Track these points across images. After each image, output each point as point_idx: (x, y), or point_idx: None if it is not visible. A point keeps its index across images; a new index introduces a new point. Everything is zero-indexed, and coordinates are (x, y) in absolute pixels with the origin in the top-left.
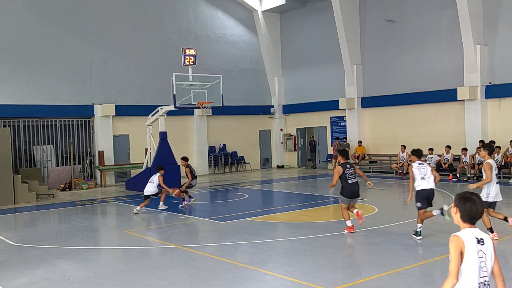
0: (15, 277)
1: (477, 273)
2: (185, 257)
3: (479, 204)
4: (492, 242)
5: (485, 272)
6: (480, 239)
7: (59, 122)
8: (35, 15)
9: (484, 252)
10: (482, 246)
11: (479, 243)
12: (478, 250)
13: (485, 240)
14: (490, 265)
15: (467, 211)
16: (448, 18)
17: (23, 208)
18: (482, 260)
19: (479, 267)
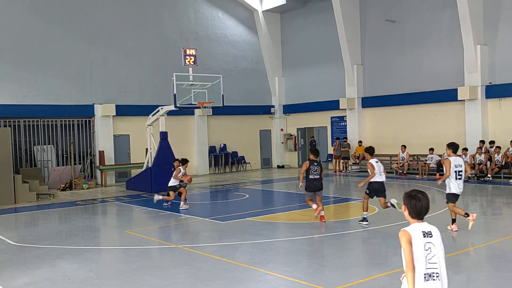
0: (15, 277)
1: (423, 264)
2: (185, 257)
3: (423, 201)
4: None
5: (432, 263)
6: (427, 232)
7: (60, 122)
8: (35, 15)
9: (433, 243)
10: (430, 238)
11: (425, 236)
12: (425, 242)
13: (433, 233)
14: (441, 255)
15: (413, 208)
16: (448, 18)
17: (24, 208)
18: (429, 252)
19: (425, 259)
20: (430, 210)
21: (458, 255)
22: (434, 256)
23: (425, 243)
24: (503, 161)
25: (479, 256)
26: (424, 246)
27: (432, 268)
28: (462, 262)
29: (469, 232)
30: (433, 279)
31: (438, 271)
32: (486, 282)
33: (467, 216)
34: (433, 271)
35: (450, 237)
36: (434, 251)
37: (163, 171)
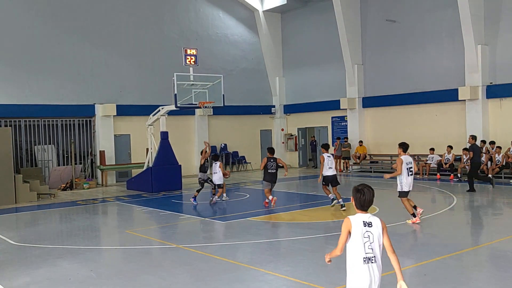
0: (16, 277)
1: (362, 249)
2: (186, 257)
3: (367, 195)
4: (380, 225)
5: (370, 249)
6: (368, 223)
7: (60, 122)
8: (36, 15)
9: (372, 233)
10: (370, 227)
11: (366, 226)
12: (364, 231)
13: (373, 223)
14: (378, 244)
15: (358, 200)
16: (449, 18)
17: (24, 208)
18: (367, 240)
19: (363, 245)
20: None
21: (458, 255)
22: (372, 243)
23: (364, 231)
24: (503, 161)
25: (480, 256)
26: (363, 234)
27: (371, 253)
28: (463, 261)
29: (470, 232)
30: (372, 262)
31: (375, 255)
32: (487, 282)
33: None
34: (371, 256)
35: (449, 237)
36: (372, 238)
37: (163, 171)
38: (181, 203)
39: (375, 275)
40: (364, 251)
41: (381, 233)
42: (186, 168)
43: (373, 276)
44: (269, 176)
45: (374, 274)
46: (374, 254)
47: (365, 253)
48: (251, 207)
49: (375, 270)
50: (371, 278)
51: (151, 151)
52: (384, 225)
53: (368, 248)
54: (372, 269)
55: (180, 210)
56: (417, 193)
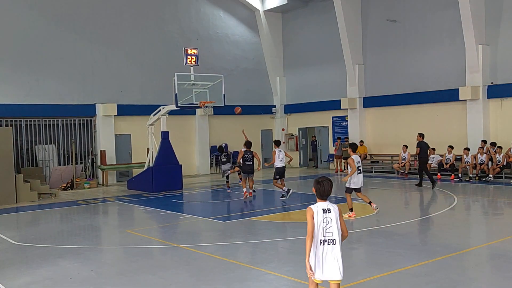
0: (17, 276)
1: (322, 233)
2: (186, 257)
3: (326, 186)
4: (337, 210)
5: (329, 232)
6: (326, 209)
7: (61, 122)
8: (37, 15)
9: (331, 218)
10: (329, 214)
11: (325, 212)
12: (324, 217)
13: (331, 210)
14: (336, 227)
15: (318, 191)
16: (450, 18)
17: (25, 208)
18: (326, 224)
19: (323, 229)
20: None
21: (459, 255)
22: (330, 227)
23: (324, 217)
24: (504, 161)
25: (481, 256)
26: (323, 219)
27: (328, 236)
28: (464, 262)
29: (470, 232)
30: (328, 244)
31: (334, 238)
32: (487, 282)
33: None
34: (329, 238)
35: (450, 237)
36: (331, 223)
37: (164, 171)
38: (181, 203)
39: (331, 255)
40: (323, 234)
41: (338, 218)
42: (186, 168)
43: (329, 255)
44: (246, 167)
45: (329, 253)
46: (333, 236)
47: (323, 235)
48: (251, 207)
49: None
50: (327, 257)
51: (151, 151)
52: (340, 210)
53: (326, 231)
54: (328, 250)
55: (180, 210)
56: (418, 193)
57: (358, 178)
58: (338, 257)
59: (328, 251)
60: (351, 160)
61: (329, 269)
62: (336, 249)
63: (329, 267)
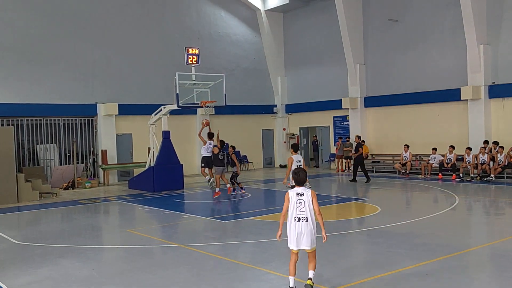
0: (18, 276)
1: (295, 212)
2: (187, 256)
3: (301, 175)
4: (310, 194)
5: (301, 211)
6: (300, 193)
7: (62, 121)
8: (38, 14)
9: (303, 200)
10: (302, 197)
11: (298, 196)
12: (297, 199)
13: (305, 194)
14: (308, 207)
15: (295, 179)
16: (451, 17)
17: (26, 207)
18: (299, 205)
19: (296, 209)
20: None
21: (461, 255)
22: (303, 208)
23: (297, 199)
24: (506, 161)
25: (482, 256)
26: (296, 201)
27: (301, 214)
28: (465, 262)
29: (472, 232)
30: (302, 221)
31: (306, 216)
32: (488, 282)
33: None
34: (302, 216)
35: (451, 237)
36: (303, 204)
37: (165, 170)
38: (182, 203)
39: (303, 229)
40: (296, 213)
41: (310, 200)
42: (187, 168)
43: (302, 230)
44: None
45: (302, 229)
46: (306, 215)
47: (296, 214)
48: (252, 206)
49: (304, 226)
50: (301, 231)
51: (153, 150)
52: (313, 194)
53: (299, 211)
54: (301, 225)
55: (181, 210)
56: (419, 193)
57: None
58: (311, 231)
59: (302, 226)
60: (291, 159)
61: (303, 241)
62: (309, 225)
63: (303, 239)
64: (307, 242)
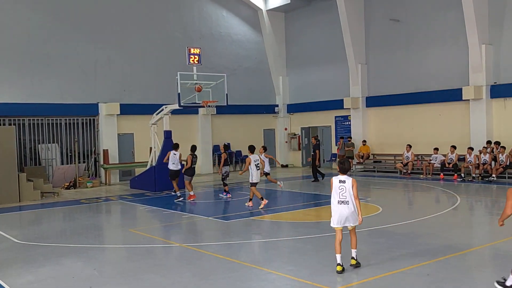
0: (20, 275)
1: (338, 196)
2: (189, 256)
3: (346, 164)
4: (351, 182)
5: (343, 196)
6: (342, 180)
7: (64, 121)
8: (40, 14)
9: (345, 186)
10: (344, 184)
11: (340, 182)
12: (340, 185)
13: (346, 181)
14: (348, 193)
15: (340, 167)
16: (453, 17)
17: (28, 206)
18: (341, 190)
19: (339, 193)
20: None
21: (462, 255)
22: (344, 193)
23: (339, 185)
24: (507, 161)
25: (483, 256)
26: (338, 187)
27: (343, 198)
28: (466, 262)
29: (473, 232)
30: (344, 204)
31: (347, 200)
32: (490, 282)
33: (261, 200)
34: (344, 200)
35: (452, 237)
36: (345, 190)
37: (166, 170)
38: (184, 202)
39: (346, 211)
40: (339, 197)
41: (351, 187)
42: None
43: (344, 211)
44: (192, 170)
45: (345, 210)
46: (347, 199)
47: (339, 198)
48: (254, 206)
49: (345, 208)
50: (343, 212)
51: (154, 150)
52: (354, 182)
53: (341, 195)
54: (343, 208)
55: (183, 209)
56: (420, 193)
57: (258, 174)
58: (351, 211)
59: (344, 208)
60: (248, 160)
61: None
62: (350, 207)
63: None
64: (349, 221)
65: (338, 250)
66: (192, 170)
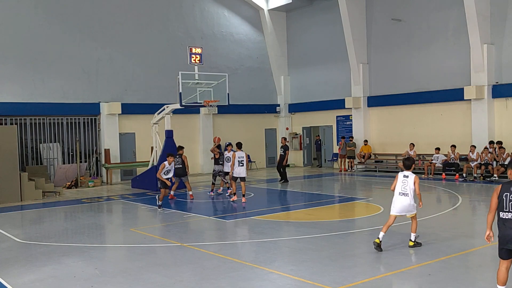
0: (21, 274)
1: (400, 188)
2: (190, 255)
3: (409, 161)
4: (413, 178)
5: (404, 189)
6: (405, 175)
7: (66, 120)
8: (42, 14)
9: (407, 181)
10: (406, 178)
11: (404, 177)
12: (403, 179)
13: (409, 176)
14: (409, 187)
15: (403, 164)
16: (455, 17)
17: (30, 206)
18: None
19: (401, 186)
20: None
21: (463, 255)
22: (406, 186)
23: (402, 179)
24: (506, 160)
25: (485, 256)
26: (401, 180)
27: (404, 190)
28: (468, 262)
29: (474, 232)
30: (404, 195)
31: (408, 192)
32: (491, 283)
33: (233, 195)
34: (404, 192)
35: (454, 237)
36: (407, 183)
37: None
38: (185, 202)
39: (405, 202)
40: (401, 189)
41: (412, 183)
42: (190, 167)
43: (404, 202)
44: (177, 170)
45: (405, 201)
46: (407, 192)
47: (401, 190)
48: (255, 206)
49: (405, 199)
50: (402, 203)
51: (156, 149)
52: (416, 179)
53: (403, 188)
54: (403, 199)
55: (184, 209)
56: (422, 192)
57: (239, 169)
58: (409, 203)
59: (404, 199)
60: (234, 155)
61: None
62: (409, 199)
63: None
64: (407, 211)
65: (385, 230)
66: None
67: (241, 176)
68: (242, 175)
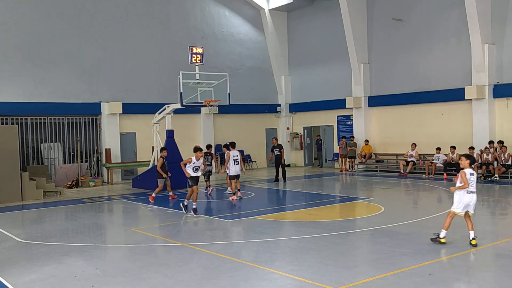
0: (22, 274)
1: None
2: (191, 255)
3: (471, 158)
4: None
5: (472, 187)
6: (471, 173)
7: (67, 120)
8: (43, 13)
9: (473, 179)
10: (473, 176)
11: (471, 175)
12: (470, 178)
13: (474, 174)
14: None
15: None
16: (456, 17)
17: (30, 205)
18: (471, 182)
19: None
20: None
21: (464, 255)
22: (473, 183)
23: (470, 178)
24: (510, 161)
25: (486, 256)
26: (469, 178)
27: (472, 188)
28: (469, 262)
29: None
30: (472, 193)
31: (475, 190)
32: (492, 283)
33: (233, 194)
34: (472, 190)
35: (455, 237)
36: (473, 181)
37: (169, 169)
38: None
39: (473, 200)
40: (469, 187)
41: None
42: None
43: (472, 200)
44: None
45: (473, 199)
46: (475, 189)
47: (469, 187)
48: (256, 205)
49: (473, 197)
50: (471, 201)
51: (156, 149)
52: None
53: (471, 186)
54: (472, 197)
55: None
56: (423, 192)
57: (236, 168)
58: (475, 201)
59: (472, 197)
60: (228, 155)
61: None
62: (475, 196)
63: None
64: (473, 208)
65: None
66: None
67: (238, 174)
68: (239, 173)
